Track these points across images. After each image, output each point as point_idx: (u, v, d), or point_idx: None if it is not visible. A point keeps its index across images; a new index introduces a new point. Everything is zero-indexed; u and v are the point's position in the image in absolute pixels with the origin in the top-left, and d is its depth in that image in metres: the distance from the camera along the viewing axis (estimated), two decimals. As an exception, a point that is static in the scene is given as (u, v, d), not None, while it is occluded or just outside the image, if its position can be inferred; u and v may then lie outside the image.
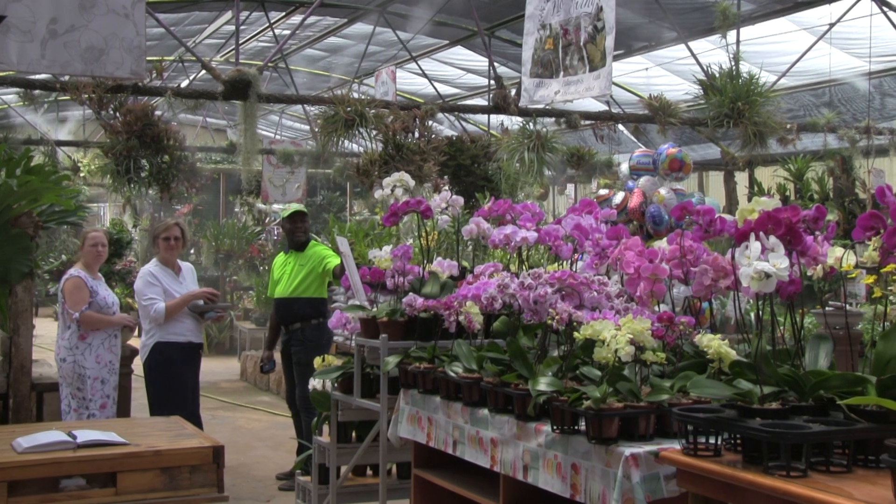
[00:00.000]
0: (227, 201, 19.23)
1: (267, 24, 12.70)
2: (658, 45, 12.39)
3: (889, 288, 2.94)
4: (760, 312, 3.25)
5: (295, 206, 7.92)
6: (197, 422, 6.78)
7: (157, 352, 6.91)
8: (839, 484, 2.47)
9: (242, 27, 12.51)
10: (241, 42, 10.44)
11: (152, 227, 7.49)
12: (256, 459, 8.65)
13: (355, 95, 8.86)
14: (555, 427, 3.39)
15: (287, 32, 12.21)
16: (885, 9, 9.91)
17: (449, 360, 4.23)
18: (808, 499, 2.39)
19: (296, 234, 7.66)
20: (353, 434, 5.51)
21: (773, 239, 2.88)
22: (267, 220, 18.04)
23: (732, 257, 3.06)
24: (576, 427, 3.35)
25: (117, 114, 7.87)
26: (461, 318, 4.24)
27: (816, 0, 10.11)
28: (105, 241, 6.90)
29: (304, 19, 10.30)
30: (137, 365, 7.39)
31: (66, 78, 7.69)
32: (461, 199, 5.22)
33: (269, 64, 12.13)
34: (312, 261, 7.55)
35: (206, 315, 7.23)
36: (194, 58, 10.90)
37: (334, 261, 7.33)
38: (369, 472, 5.72)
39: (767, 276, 2.80)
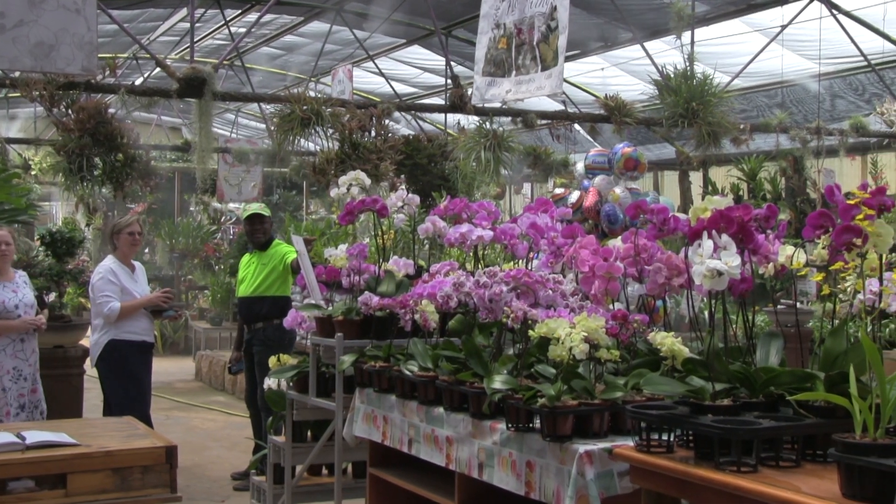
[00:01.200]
0: (182, 200, 19.06)
1: (223, 22, 12.60)
2: (614, 45, 12.47)
3: (837, 286, 2.98)
4: (713, 310, 3.28)
5: (254, 208, 7.84)
6: (148, 423, 6.70)
7: (110, 350, 6.80)
8: (788, 478, 2.50)
9: (198, 24, 12.39)
10: (196, 40, 10.34)
11: (107, 224, 7.38)
12: (211, 459, 8.58)
13: (312, 94, 8.81)
14: (510, 425, 3.40)
15: (243, 30, 12.13)
16: (834, 12, 10.06)
17: (404, 358, 4.23)
18: (757, 493, 2.41)
19: (254, 235, 7.63)
20: (309, 433, 5.49)
21: (725, 237, 2.91)
22: (223, 220, 17.90)
23: (686, 256, 3.08)
24: (531, 425, 3.36)
25: (69, 111, 7.75)
26: (417, 316, 4.24)
27: (769, 2, 10.24)
28: (10, 239, 6.67)
29: (260, 17, 10.24)
30: (89, 365, 7.28)
31: (17, 74, 7.57)
32: (417, 198, 5.22)
33: (225, 62, 12.05)
34: (274, 259, 7.51)
35: (164, 314, 7.17)
36: (148, 55, 10.79)
37: (294, 255, 7.28)
38: (325, 471, 5.70)
39: (720, 273, 2.83)
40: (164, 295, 7.15)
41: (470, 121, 10.32)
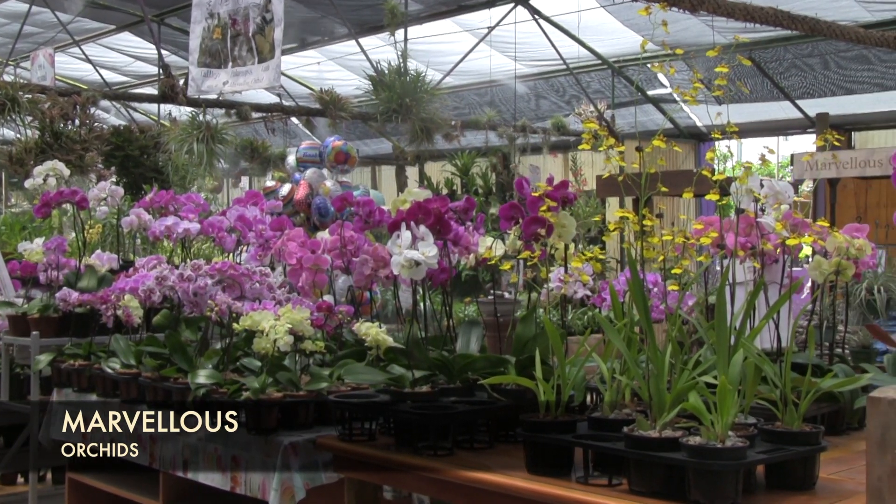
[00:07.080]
0: None
1: None
2: (331, 40, 12.53)
3: (525, 276, 3.15)
4: (416, 300, 3.37)
5: None
6: None
7: None
8: (481, 459, 2.62)
9: None
10: None
11: None
12: None
13: (8, 78, 8.26)
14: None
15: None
16: (536, 17, 10.62)
17: (106, 356, 4.06)
18: (452, 475, 2.51)
19: None
20: (1, 439, 5.16)
21: (422, 228, 2.99)
22: None
23: (390, 247, 3.14)
24: (236, 419, 3.31)
25: None
26: (119, 312, 4.08)
27: (477, 4, 10.65)
28: None
29: (-53, -7, 9.46)
30: None
31: None
32: (121, 190, 5.03)
33: None
34: None
35: None
36: None
37: None
38: (21, 479, 5.38)
39: (417, 263, 2.91)
40: None
41: (183, 112, 10.04)
